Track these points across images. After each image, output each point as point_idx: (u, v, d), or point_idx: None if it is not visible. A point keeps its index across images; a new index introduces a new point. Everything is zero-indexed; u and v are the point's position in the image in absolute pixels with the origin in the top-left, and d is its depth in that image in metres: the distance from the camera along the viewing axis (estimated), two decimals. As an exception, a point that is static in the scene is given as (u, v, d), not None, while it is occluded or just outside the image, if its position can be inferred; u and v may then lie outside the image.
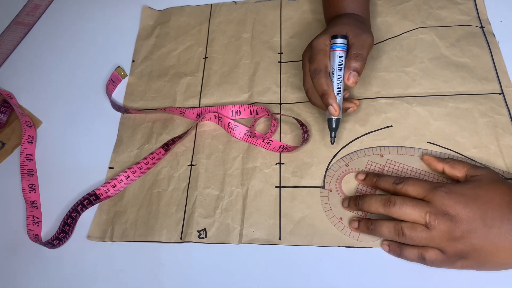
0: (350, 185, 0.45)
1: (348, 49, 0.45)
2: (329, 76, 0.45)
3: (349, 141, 0.48)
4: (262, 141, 0.49)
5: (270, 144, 0.48)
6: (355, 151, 0.47)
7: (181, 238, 0.45)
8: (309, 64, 0.46)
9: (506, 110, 0.47)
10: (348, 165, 0.46)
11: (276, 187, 0.47)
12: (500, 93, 0.48)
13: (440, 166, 0.43)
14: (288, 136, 0.50)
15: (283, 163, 0.48)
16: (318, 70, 0.44)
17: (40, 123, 0.57)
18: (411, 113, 0.48)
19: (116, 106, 0.56)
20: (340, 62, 0.44)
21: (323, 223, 0.44)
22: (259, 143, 0.49)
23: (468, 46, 0.51)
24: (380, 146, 0.47)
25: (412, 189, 0.39)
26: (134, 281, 0.44)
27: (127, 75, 0.59)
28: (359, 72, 0.44)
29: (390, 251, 0.41)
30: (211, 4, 0.64)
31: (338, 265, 0.41)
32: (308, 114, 0.51)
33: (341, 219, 0.43)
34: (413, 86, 0.50)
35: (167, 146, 0.50)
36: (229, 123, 0.50)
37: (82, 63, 0.62)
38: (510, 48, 0.51)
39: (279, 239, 0.44)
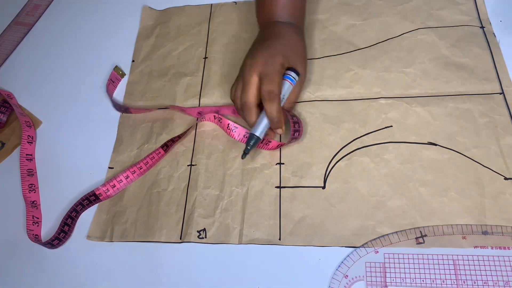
0: (350, 184, 0.45)
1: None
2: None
3: (349, 141, 0.48)
4: (261, 142, 0.49)
5: (268, 145, 0.48)
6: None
7: (180, 238, 0.45)
8: (265, 82, 0.45)
9: (507, 110, 0.47)
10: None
11: (276, 187, 0.47)
12: (500, 93, 0.48)
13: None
14: (287, 131, 0.49)
15: (283, 163, 0.48)
16: (276, 95, 0.45)
17: (40, 123, 0.57)
18: (411, 113, 0.48)
19: (117, 106, 0.56)
20: (284, 91, 0.47)
21: (323, 223, 0.44)
22: (258, 144, 0.49)
23: (469, 46, 0.51)
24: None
25: None
26: (133, 281, 0.44)
27: (125, 74, 0.59)
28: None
29: None
30: (211, 4, 0.64)
31: (338, 265, 0.41)
32: (308, 114, 0.51)
33: None
34: (413, 87, 0.50)
35: (166, 146, 0.50)
36: (228, 124, 0.50)
37: (82, 63, 0.62)
38: (510, 48, 0.51)
39: (279, 239, 0.44)
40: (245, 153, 0.46)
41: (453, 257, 0.40)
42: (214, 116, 0.51)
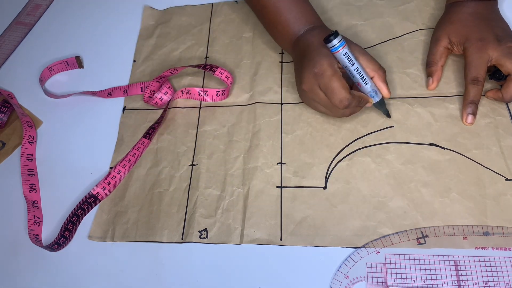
0: (351, 185, 0.45)
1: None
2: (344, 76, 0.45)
3: (350, 141, 0.48)
4: (199, 94, 0.54)
5: (208, 95, 0.53)
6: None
7: (182, 238, 0.45)
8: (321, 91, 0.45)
9: (507, 111, 0.47)
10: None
11: (277, 187, 0.47)
12: (501, 94, 0.48)
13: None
14: None
15: (284, 163, 0.48)
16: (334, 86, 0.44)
17: (41, 123, 0.57)
18: (413, 114, 0.48)
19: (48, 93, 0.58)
20: (348, 58, 0.44)
21: (324, 223, 0.44)
22: (212, 97, 0.53)
23: (470, 47, 0.51)
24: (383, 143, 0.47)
25: None
26: (135, 281, 0.44)
27: (83, 67, 0.61)
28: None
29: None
30: (212, 4, 0.64)
31: (339, 266, 0.41)
32: (309, 115, 0.51)
33: None
34: (415, 87, 0.50)
35: (149, 134, 0.52)
36: (199, 92, 0.53)
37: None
38: None
39: (280, 239, 0.44)
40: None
41: (454, 257, 0.40)
42: (182, 91, 0.54)
